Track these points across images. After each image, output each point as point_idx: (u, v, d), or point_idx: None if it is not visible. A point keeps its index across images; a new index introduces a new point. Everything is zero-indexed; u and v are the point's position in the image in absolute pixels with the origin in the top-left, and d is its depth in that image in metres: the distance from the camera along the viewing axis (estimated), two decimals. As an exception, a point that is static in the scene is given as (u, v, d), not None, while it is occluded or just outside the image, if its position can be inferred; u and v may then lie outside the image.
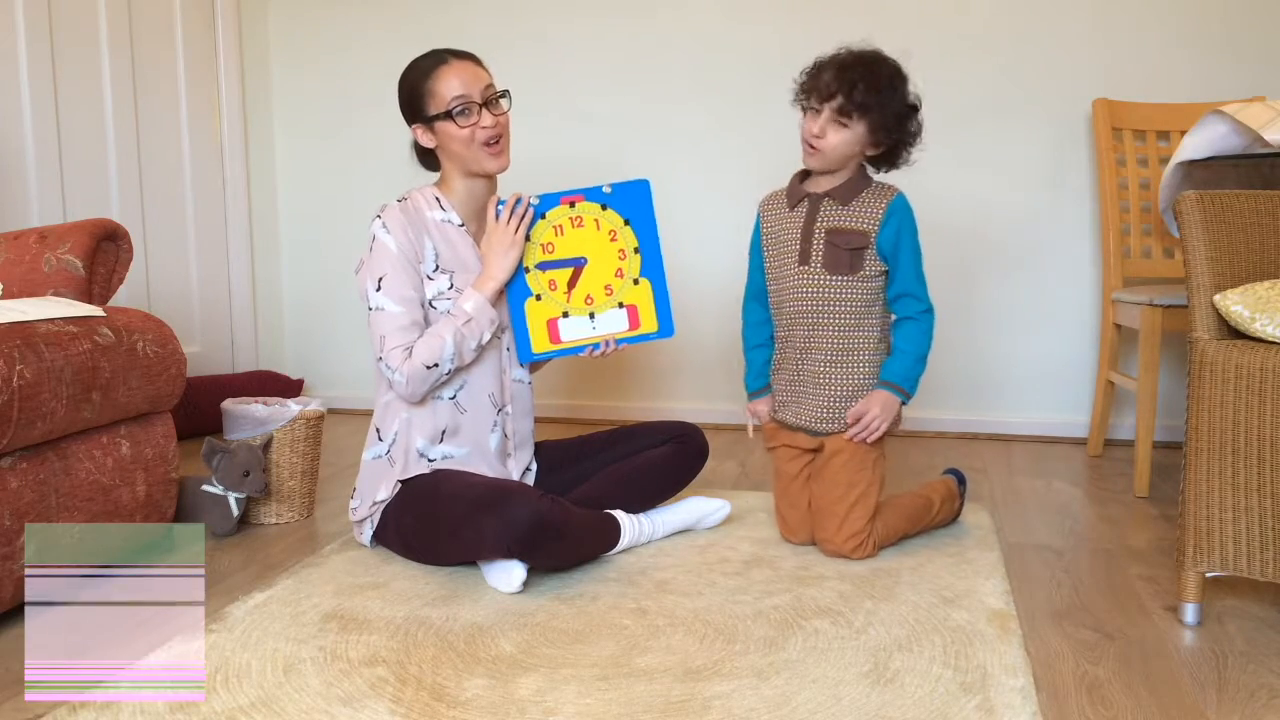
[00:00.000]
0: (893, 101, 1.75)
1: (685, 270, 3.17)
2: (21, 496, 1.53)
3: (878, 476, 1.87)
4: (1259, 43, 2.78)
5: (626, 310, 1.86)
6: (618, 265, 1.85)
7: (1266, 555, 1.45)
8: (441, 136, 1.81)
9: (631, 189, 1.85)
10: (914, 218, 1.84)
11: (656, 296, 1.87)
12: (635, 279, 1.86)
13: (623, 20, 3.14)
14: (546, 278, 1.82)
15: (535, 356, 1.84)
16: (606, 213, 1.84)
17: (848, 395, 1.85)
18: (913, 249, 1.84)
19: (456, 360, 1.77)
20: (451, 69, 1.78)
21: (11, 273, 1.90)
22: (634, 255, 1.85)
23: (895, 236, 1.81)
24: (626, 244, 1.85)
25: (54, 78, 2.59)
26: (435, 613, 1.59)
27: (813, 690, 1.32)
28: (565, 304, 1.83)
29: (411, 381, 1.75)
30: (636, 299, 1.86)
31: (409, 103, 1.83)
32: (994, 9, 2.91)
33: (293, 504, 2.13)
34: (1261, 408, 1.43)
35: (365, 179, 3.37)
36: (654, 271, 1.87)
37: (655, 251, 1.87)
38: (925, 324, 1.86)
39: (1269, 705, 1.30)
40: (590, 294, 1.84)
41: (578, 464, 2.02)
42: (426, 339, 1.76)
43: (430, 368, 1.75)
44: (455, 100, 1.77)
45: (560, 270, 1.83)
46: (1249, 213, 1.56)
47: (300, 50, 3.41)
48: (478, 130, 1.78)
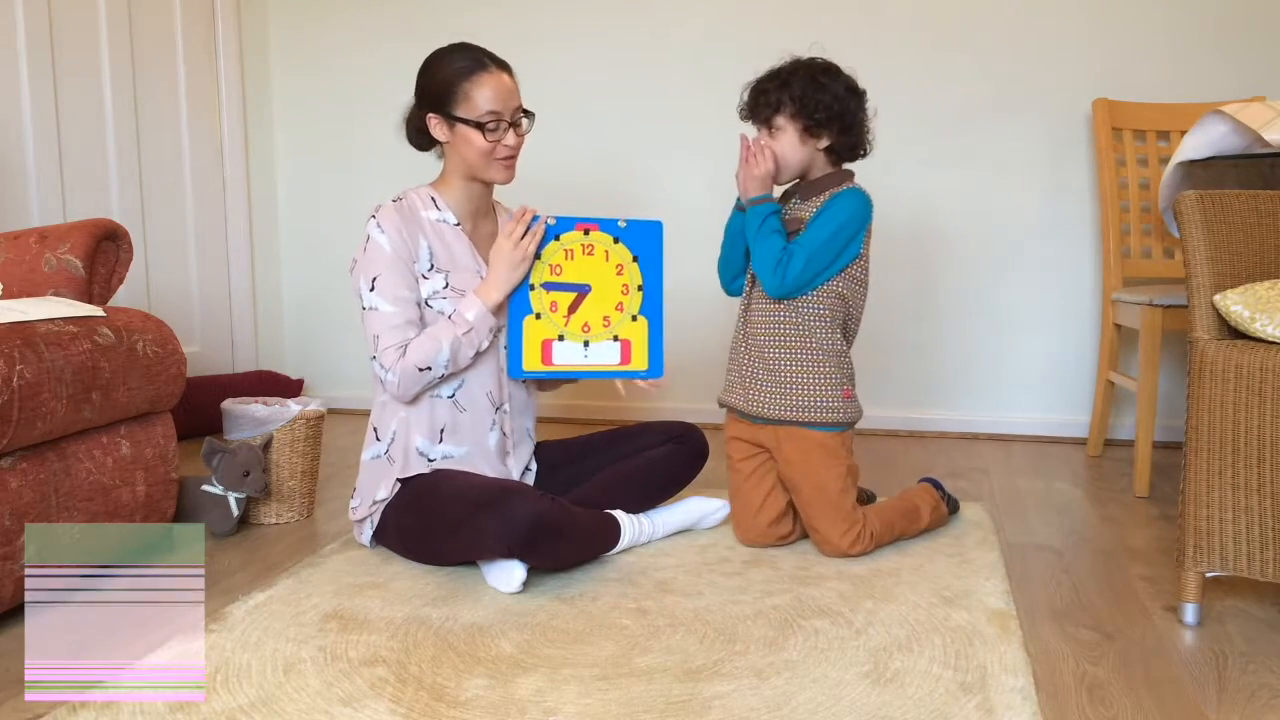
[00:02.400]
0: (818, 94, 1.80)
1: (684, 270, 3.17)
2: (21, 496, 1.53)
3: (848, 467, 1.88)
4: (1259, 43, 2.78)
5: (620, 344, 1.87)
6: (619, 299, 1.87)
7: (1266, 555, 1.45)
8: (459, 139, 1.80)
9: (645, 228, 1.88)
10: (851, 204, 1.82)
11: (651, 336, 1.89)
12: (634, 315, 1.88)
13: (623, 19, 3.14)
14: (549, 298, 1.83)
15: (524, 374, 1.84)
16: (617, 246, 1.86)
17: (798, 385, 1.86)
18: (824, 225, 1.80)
19: (450, 366, 1.77)
20: (492, 78, 1.78)
21: (11, 273, 1.90)
22: (636, 292, 1.87)
23: (820, 217, 1.81)
24: (631, 280, 1.87)
25: (54, 78, 2.59)
26: (435, 613, 1.59)
27: (813, 690, 1.32)
28: (562, 327, 1.84)
29: (403, 382, 1.75)
30: (632, 335, 1.87)
31: (437, 94, 1.80)
32: (994, 9, 2.91)
33: (293, 504, 2.13)
34: (1261, 408, 1.43)
35: (365, 179, 3.37)
36: (653, 311, 1.89)
37: (658, 292, 1.90)
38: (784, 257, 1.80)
39: (1269, 705, 1.30)
40: (588, 322, 1.85)
41: (578, 464, 2.02)
42: (422, 341, 1.76)
43: (423, 370, 1.75)
44: (490, 115, 1.77)
45: (564, 293, 1.84)
46: (1249, 213, 1.56)
47: (300, 50, 3.41)
48: (500, 148, 1.79)
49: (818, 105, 1.80)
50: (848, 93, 1.82)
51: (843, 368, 1.89)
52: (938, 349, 3.07)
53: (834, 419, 1.86)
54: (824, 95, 1.80)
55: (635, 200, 3.18)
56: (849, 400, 1.88)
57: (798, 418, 1.86)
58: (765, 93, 1.84)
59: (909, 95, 2.96)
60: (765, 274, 1.83)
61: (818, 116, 1.80)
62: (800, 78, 1.82)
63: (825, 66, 1.84)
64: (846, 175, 1.89)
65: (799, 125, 1.82)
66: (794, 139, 1.83)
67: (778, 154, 1.84)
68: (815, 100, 1.80)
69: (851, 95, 1.83)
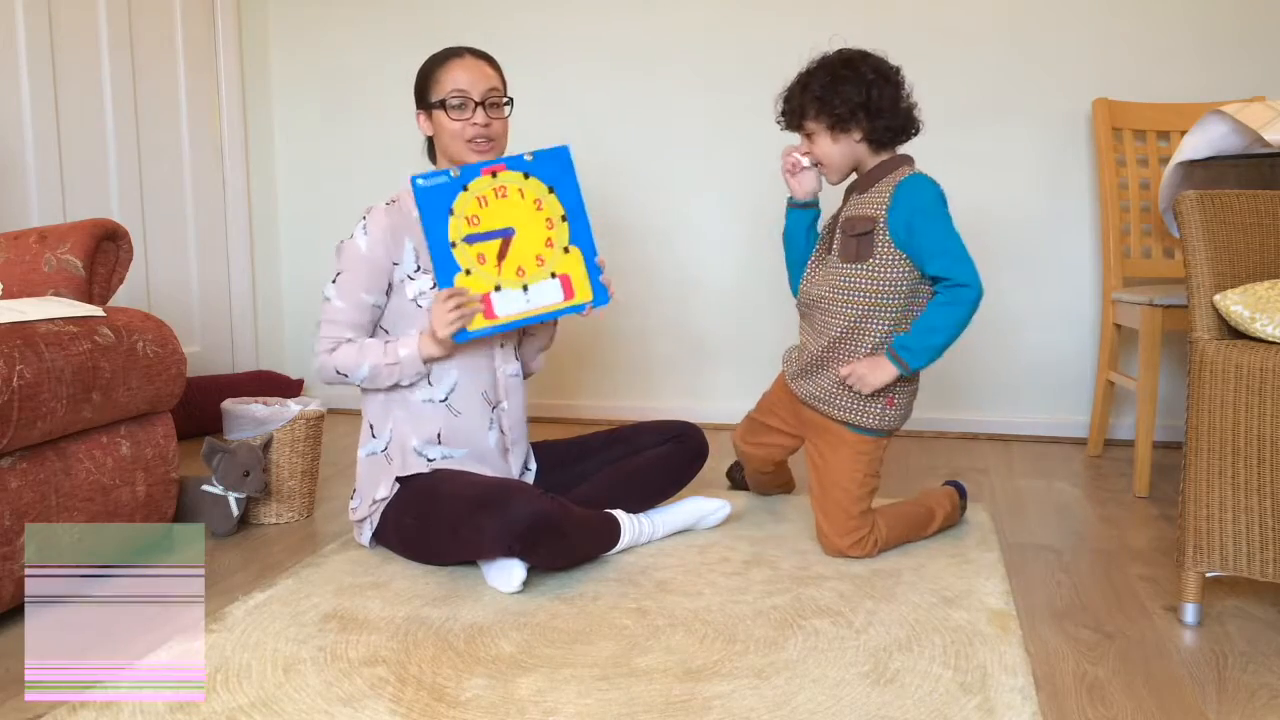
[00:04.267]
0: (837, 89, 1.78)
1: (684, 268, 3.17)
2: (21, 496, 1.53)
3: (875, 474, 1.88)
4: (1259, 43, 2.78)
5: (559, 280, 1.82)
6: (547, 235, 1.81)
7: (1266, 555, 1.45)
8: (436, 125, 1.84)
9: (552, 155, 1.82)
10: (929, 194, 1.78)
11: (588, 263, 1.84)
12: (565, 247, 1.82)
13: (622, 18, 3.14)
14: (474, 251, 1.76)
15: (470, 334, 1.76)
16: (529, 181, 1.79)
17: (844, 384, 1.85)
18: (933, 226, 1.76)
19: (367, 384, 1.83)
20: (462, 64, 1.82)
21: (11, 273, 1.90)
22: (561, 223, 1.82)
23: (907, 217, 1.76)
24: (553, 212, 1.81)
25: (54, 78, 2.59)
26: (435, 613, 1.59)
27: (813, 690, 1.32)
28: (497, 277, 1.77)
29: (322, 372, 1.84)
30: (569, 268, 1.82)
31: (418, 89, 1.87)
32: (994, 9, 2.91)
33: (293, 504, 2.13)
34: (1261, 408, 1.43)
35: (365, 179, 3.37)
36: (583, 239, 1.83)
37: (583, 218, 1.83)
38: (950, 297, 1.76)
39: (1269, 705, 1.30)
40: (521, 265, 1.79)
41: (577, 464, 2.02)
42: (350, 351, 1.80)
43: (340, 373, 1.82)
44: (454, 93, 1.80)
45: (488, 243, 1.77)
46: (1249, 213, 1.56)
47: (300, 50, 3.41)
48: (468, 126, 1.80)
49: (838, 100, 1.78)
50: (876, 78, 1.78)
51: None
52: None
53: (870, 424, 1.85)
54: (845, 88, 1.77)
55: (636, 200, 3.18)
56: (891, 409, 1.85)
57: (834, 414, 1.86)
58: (790, 99, 1.85)
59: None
60: (977, 301, 1.76)
61: (839, 112, 1.78)
62: (819, 77, 1.80)
63: (846, 59, 1.81)
64: (901, 161, 1.84)
65: (825, 124, 1.81)
66: (826, 139, 1.82)
67: (819, 157, 1.85)
68: (835, 96, 1.78)
69: (880, 80, 1.78)
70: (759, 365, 3.07)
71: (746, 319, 3.14)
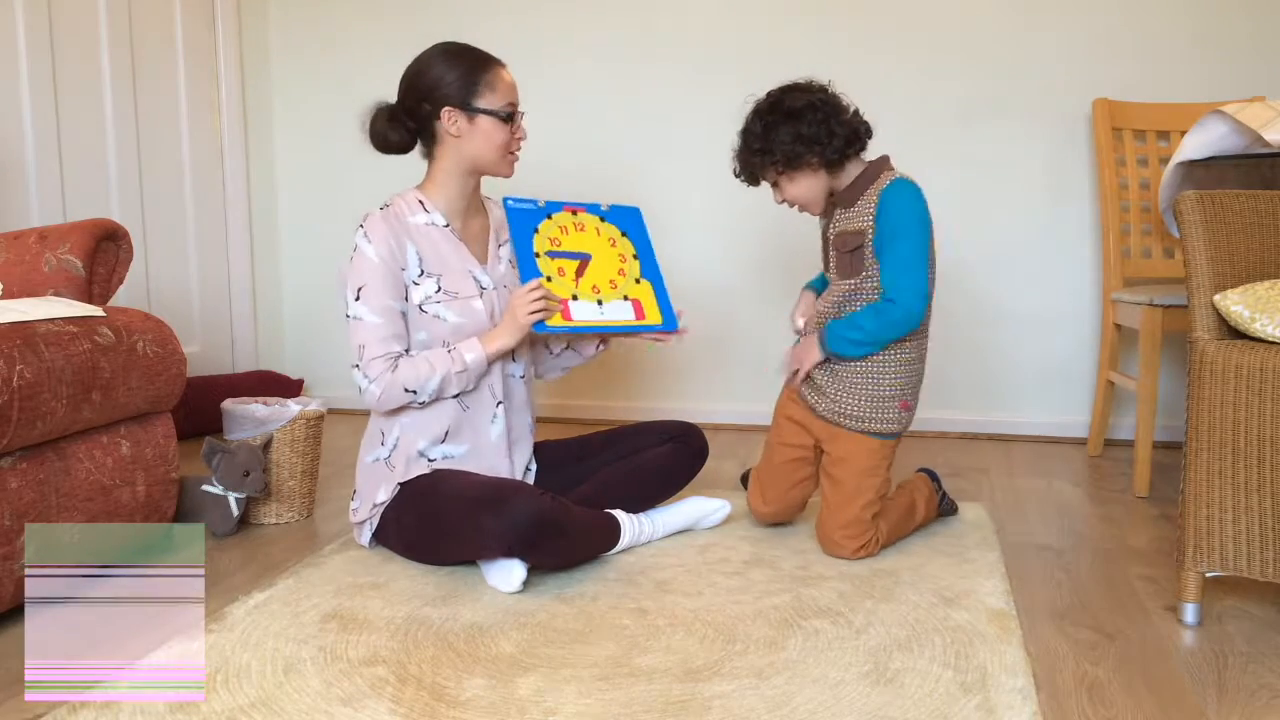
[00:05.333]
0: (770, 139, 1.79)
1: (683, 271, 3.17)
2: (21, 496, 1.53)
3: (885, 482, 1.88)
4: (1259, 43, 2.78)
5: (632, 303, 1.90)
6: (619, 265, 1.92)
7: (1266, 555, 1.45)
8: (478, 132, 1.80)
9: (626, 212, 2.00)
10: (909, 201, 1.78)
11: (658, 294, 1.94)
12: (636, 279, 1.93)
13: (622, 18, 3.14)
14: (555, 264, 1.85)
15: (547, 328, 1.78)
16: (605, 224, 1.95)
17: (858, 393, 1.85)
18: (898, 244, 1.77)
19: (436, 395, 1.78)
20: (505, 73, 1.84)
21: (11, 273, 1.90)
22: (633, 260, 1.94)
23: (886, 228, 1.78)
24: (626, 250, 1.95)
25: (54, 78, 2.59)
26: (435, 613, 1.59)
27: (813, 690, 1.32)
28: (574, 288, 1.85)
29: (386, 395, 1.75)
30: (640, 295, 1.92)
31: (460, 87, 1.78)
32: (994, 9, 2.91)
33: (293, 504, 2.13)
34: (1261, 408, 1.43)
35: (365, 179, 3.36)
36: (653, 276, 1.96)
37: (653, 261, 1.97)
38: (880, 308, 1.78)
39: (1269, 705, 1.30)
40: (596, 284, 1.88)
41: (578, 463, 2.02)
42: (416, 363, 1.75)
43: (409, 391, 1.75)
44: (510, 106, 1.82)
45: (568, 260, 1.87)
46: (1249, 213, 1.56)
47: (300, 50, 3.41)
48: (514, 140, 1.83)
49: (777, 146, 1.79)
50: (804, 108, 1.77)
51: (908, 377, 1.86)
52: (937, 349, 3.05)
53: (885, 430, 1.87)
54: (778, 132, 1.79)
55: (636, 200, 3.17)
56: (904, 411, 1.87)
57: (852, 425, 1.87)
58: (739, 161, 1.87)
59: (909, 95, 2.96)
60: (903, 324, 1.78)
61: (784, 154, 1.79)
62: (754, 130, 1.82)
63: (772, 103, 1.82)
64: (880, 166, 1.84)
65: (778, 171, 1.83)
66: (788, 182, 1.85)
67: (791, 200, 1.87)
68: (773, 143, 1.79)
69: (808, 109, 1.78)
70: (760, 365, 3.07)
71: (747, 319, 3.14)
